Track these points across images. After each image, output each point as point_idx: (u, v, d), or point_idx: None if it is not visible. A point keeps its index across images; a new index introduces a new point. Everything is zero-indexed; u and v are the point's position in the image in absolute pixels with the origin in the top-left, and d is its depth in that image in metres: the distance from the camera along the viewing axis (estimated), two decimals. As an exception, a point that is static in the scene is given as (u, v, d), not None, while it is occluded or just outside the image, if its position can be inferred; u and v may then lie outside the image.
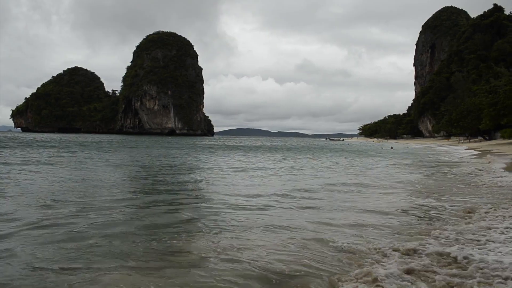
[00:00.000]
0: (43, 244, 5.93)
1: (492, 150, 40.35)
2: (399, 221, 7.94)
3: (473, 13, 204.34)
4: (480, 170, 19.12)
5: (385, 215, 8.49)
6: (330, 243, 6.21)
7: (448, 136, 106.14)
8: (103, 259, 5.35)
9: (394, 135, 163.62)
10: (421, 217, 8.33)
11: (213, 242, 6.26)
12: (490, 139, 72.27)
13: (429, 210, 9.00)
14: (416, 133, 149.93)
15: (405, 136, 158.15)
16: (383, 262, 5.25)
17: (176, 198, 10.46)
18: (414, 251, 5.68)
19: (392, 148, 62.73)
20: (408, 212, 8.92)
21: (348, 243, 6.15)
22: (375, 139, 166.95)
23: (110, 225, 7.17)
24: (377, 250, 5.81)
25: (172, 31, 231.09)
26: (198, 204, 9.71)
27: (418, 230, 7.14)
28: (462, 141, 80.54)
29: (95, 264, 5.15)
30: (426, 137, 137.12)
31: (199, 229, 7.07)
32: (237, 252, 5.71)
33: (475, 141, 74.05)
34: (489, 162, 24.11)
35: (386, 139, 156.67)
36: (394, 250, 5.74)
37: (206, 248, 5.91)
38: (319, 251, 5.87)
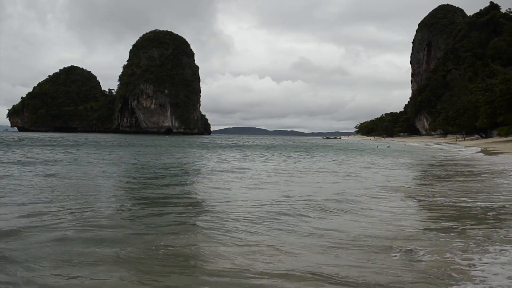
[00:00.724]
0: (38, 247, 5.76)
1: (489, 148, 40.42)
2: (457, 225, 7.15)
3: (470, 11, 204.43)
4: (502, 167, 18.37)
5: (434, 218, 7.75)
6: (394, 252, 5.50)
7: (444, 134, 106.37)
8: (106, 264, 5.15)
9: (390, 133, 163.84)
10: (478, 218, 7.70)
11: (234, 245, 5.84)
12: (487, 137, 72.42)
13: (489, 211, 8.30)
14: (412, 131, 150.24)
15: (401, 134, 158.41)
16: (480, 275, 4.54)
17: (177, 199, 10.37)
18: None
19: (388, 146, 62.06)
20: (461, 214, 8.14)
21: (417, 251, 5.42)
22: (372, 137, 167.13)
23: (112, 226, 7.00)
24: (457, 262, 5.06)
25: (168, 30, 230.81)
26: (207, 209, 9.29)
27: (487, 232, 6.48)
28: (460, 139, 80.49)
29: (94, 269, 4.96)
30: (423, 135, 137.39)
31: (216, 237, 6.41)
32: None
33: (472, 139, 74.14)
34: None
35: (383, 137, 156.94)
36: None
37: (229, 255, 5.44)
38: (384, 262, 5.09)
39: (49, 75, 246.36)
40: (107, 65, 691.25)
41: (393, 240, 6.19)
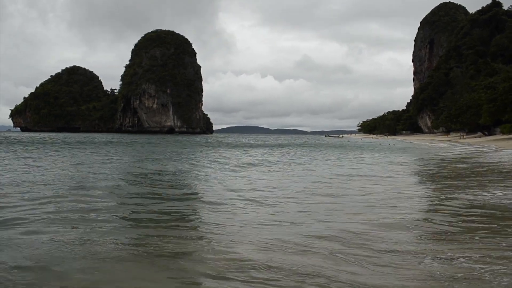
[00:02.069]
0: (38, 244, 5.87)
1: (494, 145, 40.51)
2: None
3: (472, 9, 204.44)
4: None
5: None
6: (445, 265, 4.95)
7: (447, 131, 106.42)
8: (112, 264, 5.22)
9: (393, 131, 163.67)
10: None
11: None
12: (490, 134, 72.45)
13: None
14: (415, 129, 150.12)
15: (404, 132, 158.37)
16: None
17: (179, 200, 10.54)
18: None
19: (390, 144, 60.43)
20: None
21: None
22: (374, 136, 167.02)
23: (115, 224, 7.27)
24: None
25: (170, 29, 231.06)
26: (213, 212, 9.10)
27: None
28: (465, 137, 79.98)
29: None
30: (425, 133, 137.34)
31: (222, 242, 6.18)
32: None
33: (474, 137, 74.12)
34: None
35: (385, 135, 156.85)
36: None
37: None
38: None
39: (51, 75, 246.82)
40: (108, 64, 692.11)
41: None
